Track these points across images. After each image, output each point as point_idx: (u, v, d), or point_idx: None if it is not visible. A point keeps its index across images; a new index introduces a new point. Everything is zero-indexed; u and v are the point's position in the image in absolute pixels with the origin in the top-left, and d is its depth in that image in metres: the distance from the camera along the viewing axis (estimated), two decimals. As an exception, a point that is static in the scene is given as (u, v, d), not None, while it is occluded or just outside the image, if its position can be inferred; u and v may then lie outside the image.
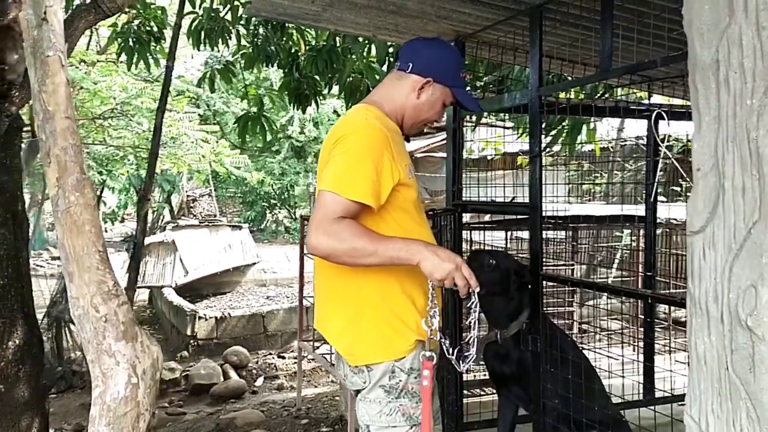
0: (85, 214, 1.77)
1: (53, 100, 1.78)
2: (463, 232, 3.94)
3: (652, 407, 2.48)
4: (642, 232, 4.41)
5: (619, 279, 6.88)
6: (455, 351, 1.84)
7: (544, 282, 2.67)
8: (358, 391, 1.87)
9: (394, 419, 1.79)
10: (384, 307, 1.79)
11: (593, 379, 2.55)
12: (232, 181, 20.16)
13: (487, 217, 5.80)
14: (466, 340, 1.89)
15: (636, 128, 7.63)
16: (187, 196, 22.46)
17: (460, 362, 1.85)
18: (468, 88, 2.06)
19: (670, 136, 6.08)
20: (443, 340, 1.81)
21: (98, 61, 10.10)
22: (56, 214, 1.80)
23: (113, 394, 1.74)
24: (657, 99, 4.74)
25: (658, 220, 4.88)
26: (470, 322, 1.84)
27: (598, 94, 4.22)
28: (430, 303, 1.75)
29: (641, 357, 3.93)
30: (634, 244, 6.30)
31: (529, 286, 2.54)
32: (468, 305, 1.82)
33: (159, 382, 1.87)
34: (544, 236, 5.72)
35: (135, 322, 1.86)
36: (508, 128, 7.50)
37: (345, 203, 1.67)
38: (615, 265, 7.02)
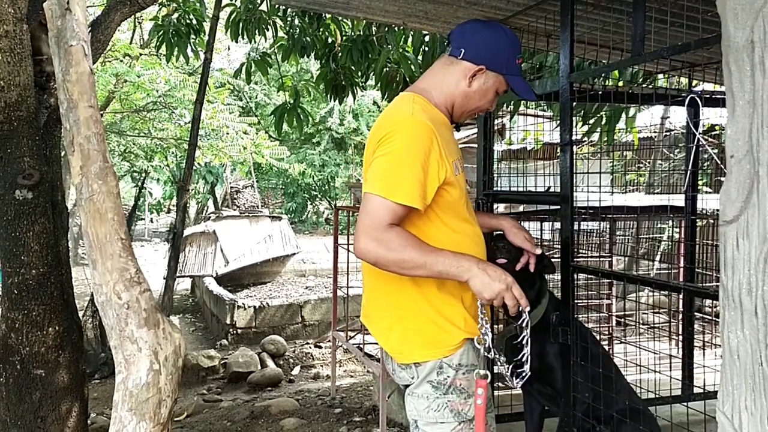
0: (107, 201, 1.80)
1: (77, 89, 1.81)
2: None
3: (686, 403, 2.40)
4: (683, 223, 4.27)
5: (663, 272, 6.71)
6: (510, 368, 1.83)
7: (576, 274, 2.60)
8: (406, 386, 1.85)
9: (441, 415, 1.77)
10: (428, 306, 1.77)
11: (612, 371, 2.48)
12: (273, 172, 20.44)
13: (521, 208, 5.71)
14: (520, 357, 1.86)
15: (682, 117, 7.40)
16: (231, 187, 22.82)
17: (515, 379, 1.84)
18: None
19: (716, 125, 5.89)
20: (498, 357, 1.80)
21: (141, 54, 10.31)
22: (80, 201, 1.84)
23: (135, 380, 1.77)
24: (708, 87, 4.57)
25: (703, 211, 4.72)
26: (523, 340, 1.82)
27: (638, 81, 4.09)
28: (480, 321, 1.73)
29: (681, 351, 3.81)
30: (676, 235, 6.13)
31: (546, 275, 2.48)
32: (519, 323, 1.80)
33: (181, 369, 1.89)
34: (582, 228, 5.66)
35: (157, 309, 1.88)
36: (547, 118, 7.38)
37: (392, 207, 1.64)
38: (658, 258, 6.84)
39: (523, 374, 1.83)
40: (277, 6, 4.87)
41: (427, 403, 1.78)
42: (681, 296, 4.02)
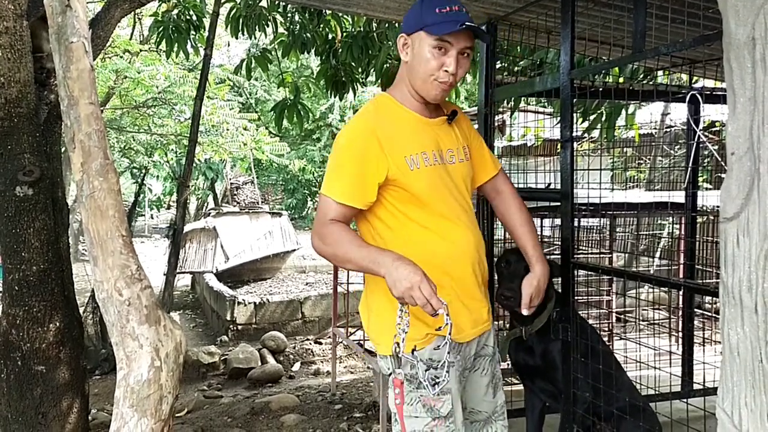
0: (108, 198, 1.80)
1: (77, 86, 1.81)
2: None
3: (686, 400, 2.40)
4: (684, 220, 4.27)
5: (663, 268, 6.71)
6: (426, 373, 1.72)
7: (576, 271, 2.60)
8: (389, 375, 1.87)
9: (415, 409, 1.78)
10: (387, 300, 1.75)
11: (613, 368, 2.47)
12: (273, 168, 20.40)
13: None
14: (436, 364, 1.74)
15: (683, 113, 7.39)
16: (231, 183, 22.79)
17: (433, 387, 1.71)
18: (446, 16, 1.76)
19: (717, 122, 5.88)
20: (417, 361, 1.73)
21: (141, 50, 10.29)
22: (80, 198, 1.84)
23: (136, 377, 1.78)
24: (709, 84, 4.56)
25: (704, 208, 4.72)
26: (444, 344, 1.67)
27: (638, 78, 4.09)
28: (398, 319, 1.67)
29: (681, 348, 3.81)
30: (676, 232, 6.12)
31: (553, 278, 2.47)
32: (438, 328, 1.65)
33: (182, 365, 1.89)
34: (582, 224, 5.66)
35: (158, 306, 1.89)
36: (547, 115, 7.37)
37: (334, 205, 1.77)
38: (658, 254, 6.84)
39: (440, 381, 1.70)
40: (277, 2, 4.86)
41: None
42: (681, 293, 4.02)
